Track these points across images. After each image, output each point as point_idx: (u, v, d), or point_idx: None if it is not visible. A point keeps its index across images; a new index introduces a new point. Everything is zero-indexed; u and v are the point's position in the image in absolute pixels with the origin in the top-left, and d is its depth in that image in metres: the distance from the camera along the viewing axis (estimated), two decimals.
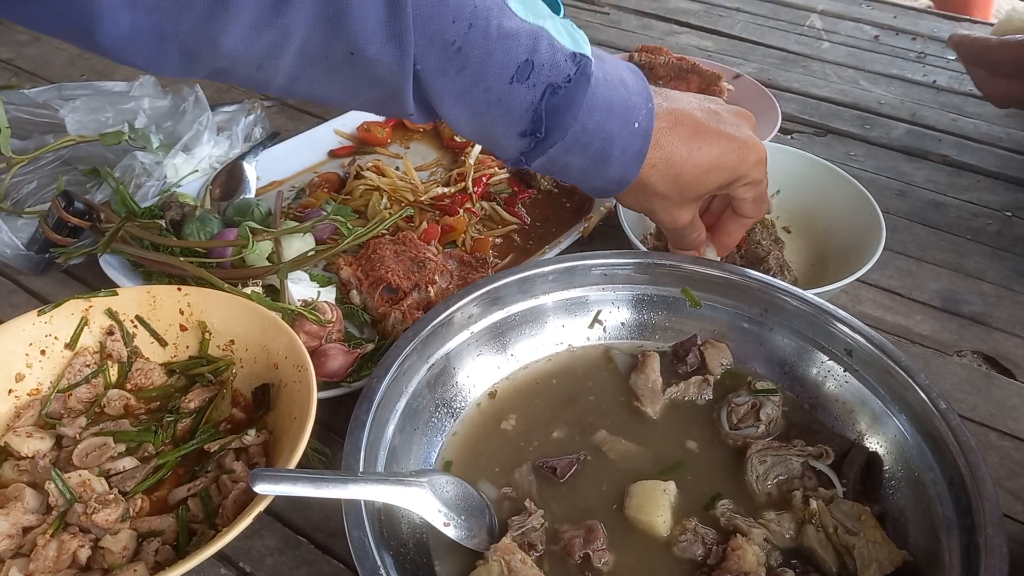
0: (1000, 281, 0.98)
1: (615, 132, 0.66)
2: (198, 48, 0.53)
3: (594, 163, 0.68)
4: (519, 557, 0.59)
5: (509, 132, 0.64)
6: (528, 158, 0.67)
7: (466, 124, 0.64)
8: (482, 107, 0.62)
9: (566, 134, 0.64)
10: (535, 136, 0.64)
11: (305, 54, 0.55)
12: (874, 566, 0.60)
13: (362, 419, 0.63)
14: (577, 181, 0.71)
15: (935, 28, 1.61)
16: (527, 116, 0.63)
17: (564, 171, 0.69)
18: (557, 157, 0.66)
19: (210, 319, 0.79)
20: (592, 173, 0.69)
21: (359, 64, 0.57)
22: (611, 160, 0.68)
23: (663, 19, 1.65)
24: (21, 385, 0.75)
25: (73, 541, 0.62)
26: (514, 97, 0.62)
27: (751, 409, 0.72)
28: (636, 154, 0.68)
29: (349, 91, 0.60)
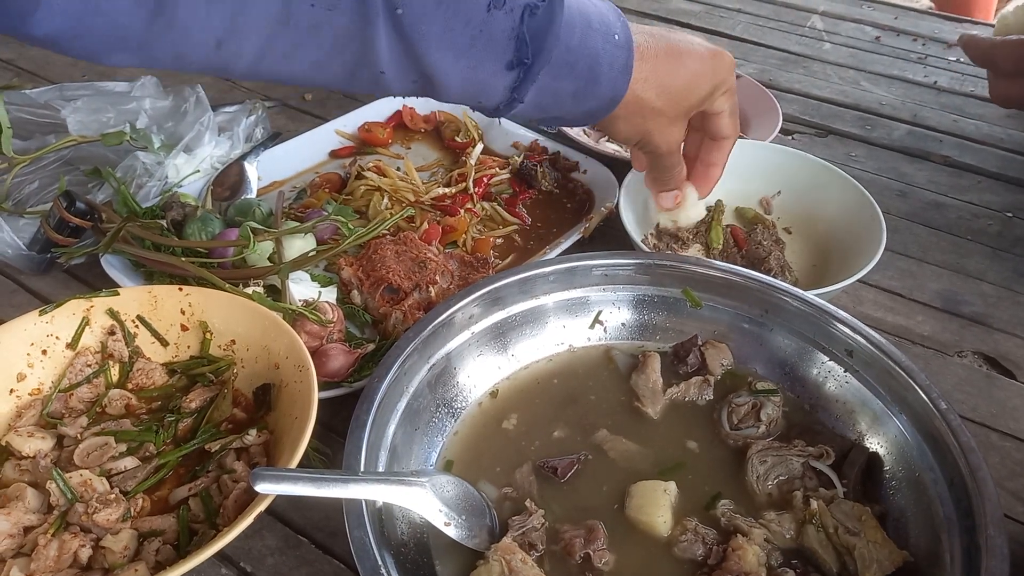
0: (1001, 282, 0.98)
1: (599, 47, 0.66)
2: (150, 34, 0.52)
3: (584, 83, 0.66)
4: (520, 557, 0.59)
5: (496, 67, 0.62)
6: (519, 93, 0.65)
7: (452, 69, 0.62)
8: (465, 43, 0.60)
9: (551, 56, 0.63)
10: (523, 64, 0.63)
11: (265, 20, 0.54)
12: (875, 566, 0.60)
13: (363, 419, 0.63)
14: (569, 109, 0.69)
15: (936, 29, 1.61)
16: (511, 44, 0.62)
17: (555, 99, 0.67)
18: (546, 84, 0.65)
19: (211, 319, 0.79)
20: (583, 94, 0.67)
21: (321, 22, 0.55)
22: (600, 76, 0.67)
23: (664, 20, 1.65)
24: (23, 385, 0.75)
25: (74, 541, 0.62)
26: (495, 25, 0.60)
27: (752, 409, 0.72)
28: (623, 67, 0.68)
29: (316, 62, 0.59)
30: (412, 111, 1.21)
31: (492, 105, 0.67)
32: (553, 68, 0.64)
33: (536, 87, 0.64)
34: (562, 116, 0.70)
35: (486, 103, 0.66)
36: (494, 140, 1.17)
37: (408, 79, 0.62)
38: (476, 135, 1.17)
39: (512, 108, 0.67)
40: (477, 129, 1.17)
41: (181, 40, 0.53)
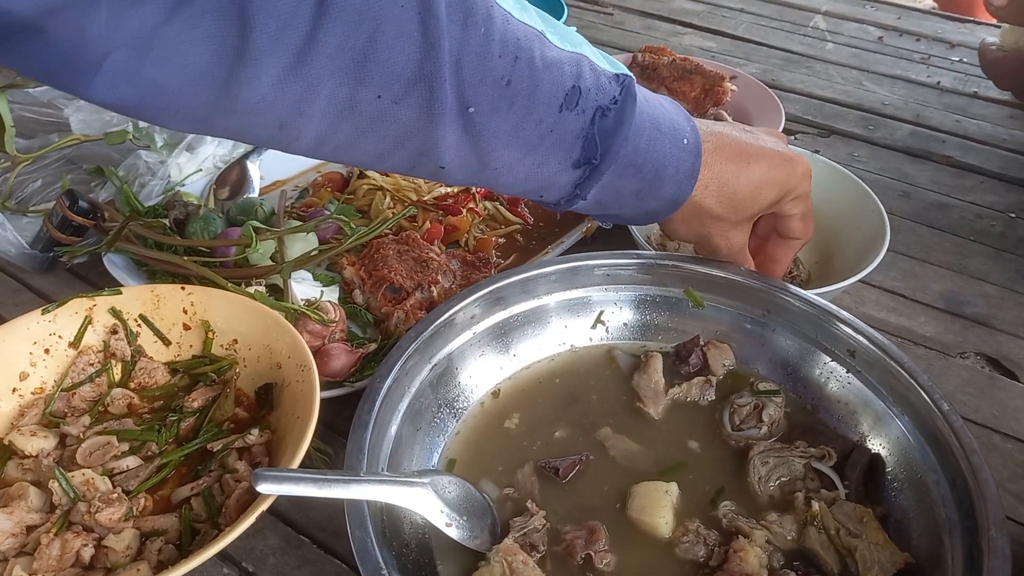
0: (1004, 283, 0.98)
1: (666, 150, 0.65)
2: (213, 111, 0.51)
3: (648, 184, 0.66)
4: (521, 558, 0.59)
5: (563, 165, 0.63)
6: (582, 190, 0.65)
7: (519, 165, 0.62)
8: (534, 142, 0.60)
9: (619, 156, 0.63)
10: (590, 163, 0.63)
11: (332, 108, 0.53)
12: (876, 568, 0.59)
13: (365, 419, 0.63)
14: (630, 207, 0.69)
15: (939, 29, 1.61)
16: (579, 143, 0.62)
17: (617, 198, 0.67)
18: (610, 184, 0.65)
19: (213, 318, 0.79)
20: (646, 195, 0.67)
21: (387, 114, 0.55)
22: (665, 179, 0.66)
23: (666, 20, 1.65)
24: (25, 384, 0.75)
25: (76, 540, 0.62)
26: (565, 126, 0.60)
27: (753, 410, 0.72)
28: (689, 171, 0.67)
29: (378, 153, 0.58)
30: None
31: (553, 200, 0.67)
32: (619, 168, 0.63)
33: (600, 186, 0.64)
34: (621, 214, 0.71)
35: (548, 198, 0.67)
36: None
37: (470, 172, 0.62)
38: None
39: (573, 204, 0.66)
40: None
41: (243, 119, 0.52)
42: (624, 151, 0.63)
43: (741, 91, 1.25)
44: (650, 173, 0.65)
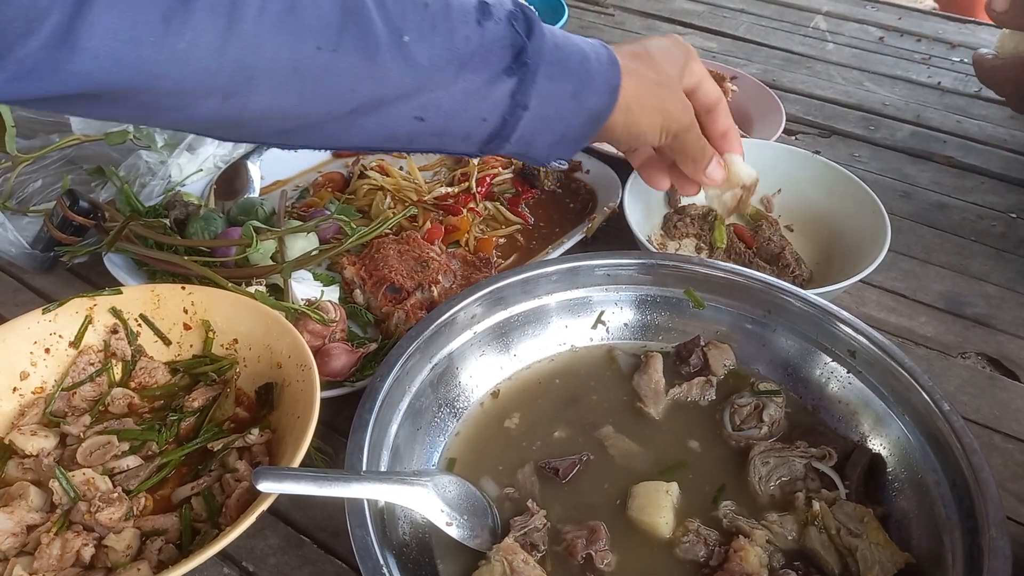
0: (1004, 283, 0.98)
1: (579, 43, 0.67)
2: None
3: (581, 81, 0.66)
4: (521, 557, 0.59)
5: (496, 74, 0.62)
6: (522, 97, 0.63)
7: (455, 85, 0.61)
8: (466, 58, 0.60)
9: (543, 53, 0.63)
10: (522, 65, 0.62)
11: (277, 69, 0.54)
12: (877, 568, 0.59)
13: (365, 418, 0.63)
14: (572, 113, 0.67)
15: (940, 30, 1.61)
16: (506, 51, 0.62)
17: (557, 104, 0.66)
18: (546, 89, 0.64)
19: (214, 318, 0.79)
20: (583, 92, 0.67)
21: (329, 65, 0.56)
22: (592, 71, 0.67)
23: (667, 20, 1.65)
24: (26, 383, 0.75)
25: (77, 539, 0.62)
26: (489, 37, 0.61)
27: (754, 410, 0.72)
28: (609, 57, 0.68)
29: (334, 111, 0.59)
30: None
31: (498, 121, 0.65)
32: (548, 68, 0.64)
33: (536, 91, 0.64)
34: (569, 128, 0.68)
35: (491, 118, 0.64)
36: None
37: (413, 108, 0.61)
38: None
39: (518, 122, 0.65)
40: None
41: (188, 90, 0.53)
42: (546, 48, 0.63)
43: (742, 91, 1.24)
44: (577, 67, 0.66)
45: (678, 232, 0.99)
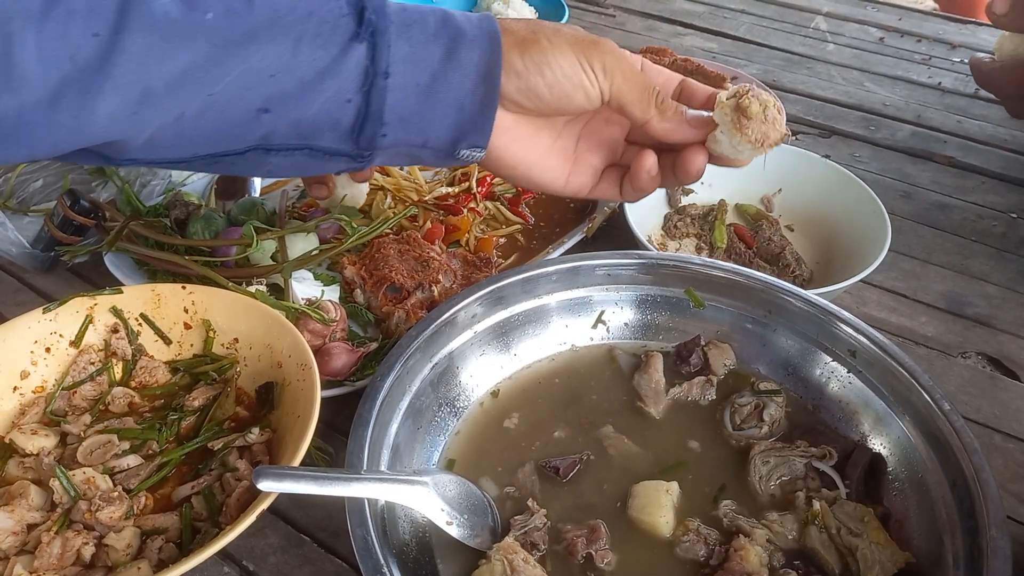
0: (1005, 283, 0.98)
1: (435, 7, 0.57)
2: None
3: (450, 38, 0.55)
4: (522, 556, 0.59)
5: (342, 44, 0.53)
6: (378, 63, 0.53)
7: (295, 62, 0.52)
8: (298, 28, 0.52)
9: (388, 14, 0.54)
10: (369, 26, 0.53)
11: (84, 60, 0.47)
12: (877, 567, 0.59)
13: (365, 417, 0.63)
14: (455, 75, 0.56)
15: (940, 30, 1.61)
16: (350, 17, 0.53)
17: (427, 66, 0.55)
18: (405, 50, 0.54)
19: (214, 317, 0.79)
20: (457, 49, 0.55)
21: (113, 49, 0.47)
22: (458, 24, 0.56)
23: (668, 21, 1.65)
24: (26, 382, 0.75)
25: (77, 538, 0.62)
26: (323, 5, 0.53)
27: (754, 410, 0.72)
28: (479, 16, 0.58)
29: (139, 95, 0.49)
30: None
31: (360, 95, 0.54)
32: (401, 28, 0.54)
33: (396, 55, 0.54)
34: (461, 96, 0.56)
35: (354, 96, 0.54)
36: None
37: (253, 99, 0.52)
38: None
39: (383, 94, 0.54)
40: None
41: None
42: (391, 9, 0.55)
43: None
44: (437, 24, 0.56)
45: (678, 232, 0.99)
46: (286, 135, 0.55)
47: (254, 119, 0.53)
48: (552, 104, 0.58)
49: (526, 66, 0.56)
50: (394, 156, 0.58)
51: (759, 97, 0.57)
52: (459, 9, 0.61)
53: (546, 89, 0.57)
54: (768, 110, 0.57)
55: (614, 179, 0.66)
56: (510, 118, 0.59)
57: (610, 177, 0.66)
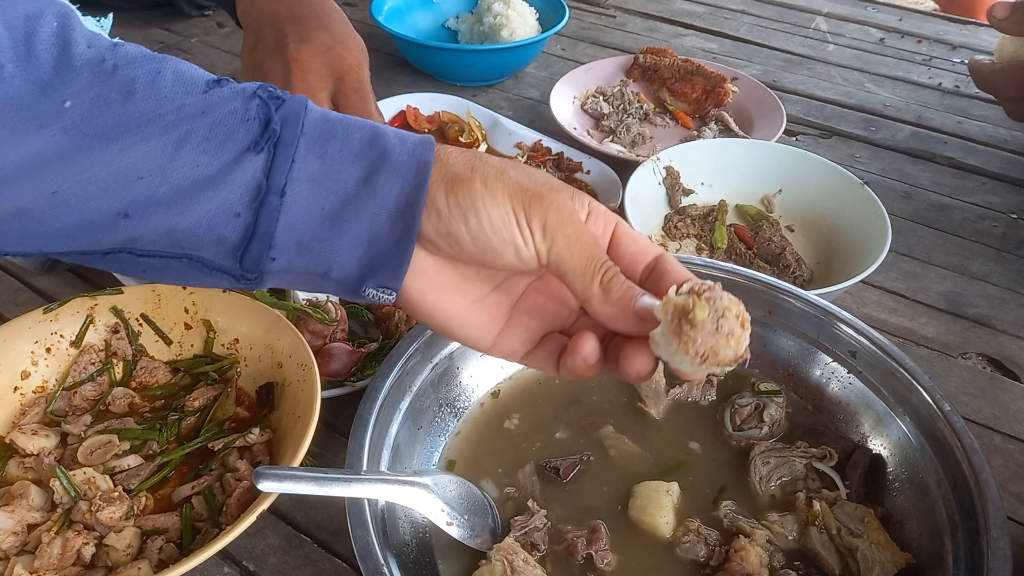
0: (1005, 283, 0.98)
1: (372, 123, 0.50)
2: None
3: (371, 161, 0.48)
4: (522, 557, 0.59)
5: (239, 152, 0.46)
6: (276, 179, 0.46)
7: (173, 166, 0.45)
8: (182, 129, 0.45)
9: (303, 125, 0.47)
10: (273, 136, 0.47)
11: None
12: (877, 568, 0.60)
13: (366, 418, 0.63)
14: (371, 204, 0.48)
15: (940, 31, 1.61)
16: (254, 122, 0.47)
17: (339, 189, 0.47)
18: (313, 167, 0.47)
19: (215, 317, 0.79)
20: (377, 174, 0.48)
21: None
22: (388, 147, 0.48)
23: (668, 21, 1.65)
24: (27, 383, 0.75)
25: (78, 538, 0.62)
26: (221, 106, 0.46)
27: (755, 410, 0.72)
28: (420, 139, 0.50)
29: None
30: (416, 111, 1.22)
31: (250, 211, 0.46)
32: (315, 143, 0.47)
33: (300, 172, 0.46)
34: (375, 229, 0.48)
35: (243, 210, 0.46)
36: (498, 140, 1.17)
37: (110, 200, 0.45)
38: (480, 135, 1.17)
39: (275, 214, 0.46)
40: (481, 129, 1.18)
41: None
42: (310, 120, 0.48)
43: (742, 92, 1.25)
44: (363, 143, 0.48)
45: (679, 232, 0.99)
46: (156, 242, 0.47)
47: (112, 223, 0.45)
48: (476, 256, 0.49)
49: (449, 207, 0.48)
50: (291, 281, 0.50)
51: (716, 302, 0.45)
52: (459, 9, 0.57)
53: (469, 238, 0.48)
54: (724, 321, 0.45)
55: (553, 349, 0.54)
56: (431, 261, 0.50)
57: (549, 346, 0.54)
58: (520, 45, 1.31)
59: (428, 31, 1.45)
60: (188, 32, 1.52)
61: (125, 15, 1.55)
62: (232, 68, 1.39)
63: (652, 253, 0.51)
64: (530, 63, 1.43)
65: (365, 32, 0.98)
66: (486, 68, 1.35)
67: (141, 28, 1.53)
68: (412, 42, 1.31)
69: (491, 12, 1.38)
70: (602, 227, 0.51)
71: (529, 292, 0.55)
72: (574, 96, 1.27)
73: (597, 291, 0.48)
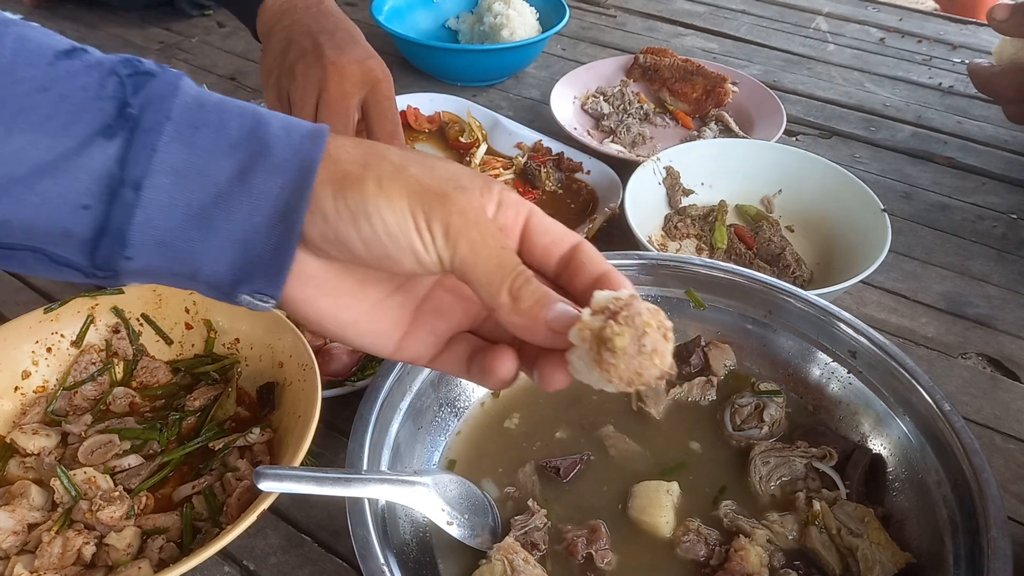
0: (1005, 283, 0.98)
1: (258, 110, 0.44)
2: None
3: (248, 153, 0.42)
4: (522, 556, 0.59)
5: (89, 135, 0.40)
6: (132, 170, 0.40)
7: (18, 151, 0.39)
8: (17, 103, 0.39)
9: (171, 109, 0.41)
10: (129, 121, 0.41)
11: None
12: (877, 568, 0.60)
13: (366, 418, 0.63)
14: (246, 202, 0.42)
15: (941, 31, 1.61)
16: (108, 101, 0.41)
17: (210, 184, 0.41)
18: (179, 158, 0.41)
19: (215, 317, 0.79)
20: (254, 169, 0.42)
21: None
22: (270, 139, 0.43)
23: (668, 21, 1.65)
24: (27, 382, 0.75)
25: (78, 538, 0.62)
26: (64, 76, 0.41)
27: (755, 410, 0.72)
28: (310, 130, 0.44)
29: None
30: (416, 111, 1.22)
31: (100, 204, 0.40)
32: (182, 130, 0.41)
33: (162, 163, 0.41)
34: (250, 231, 0.42)
35: (94, 202, 0.40)
36: (498, 140, 1.17)
37: None
38: (480, 135, 1.17)
39: (130, 209, 0.40)
40: (481, 130, 1.18)
41: None
42: (178, 104, 0.42)
43: (743, 92, 1.25)
44: (242, 133, 0.43)
45: (679, 233, 0.99)
46: None
47: None
48: (372, 263, 0.44)
49: (338, 211, 0.42)
50: (155, 280, 0.45)
51: (634, 320, 0.39)
52: (459, 9, 0.53)
53: (361, 245, 0.43)
54: (646, 339, 0.40)
55: (462, 352, 0.49)
56: (321, 267, 0.45)
57: (458, 348, 0.49)
58: (520, 45, 1.31)
59: (428, 31, 1.46)
60: (188, 32, 1.52)
61: (125, 15, 1.55)
62: (233, 68, 1.39)
63: (567, 242, 0.46)
64: (530, 63, 1.43)
65: (365, 32, 0.98)
66: (486, 68, 1.35)
67: (141, 28, 1.53)
68: (412, 42, 1.31)
69: (491, 12, 1.38)
70: (512, 218, 0.46)
71: (435, 291, 0.50)
72: (574, 96, 1.28)
73: (506, 300, 0.42)
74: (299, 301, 0.45)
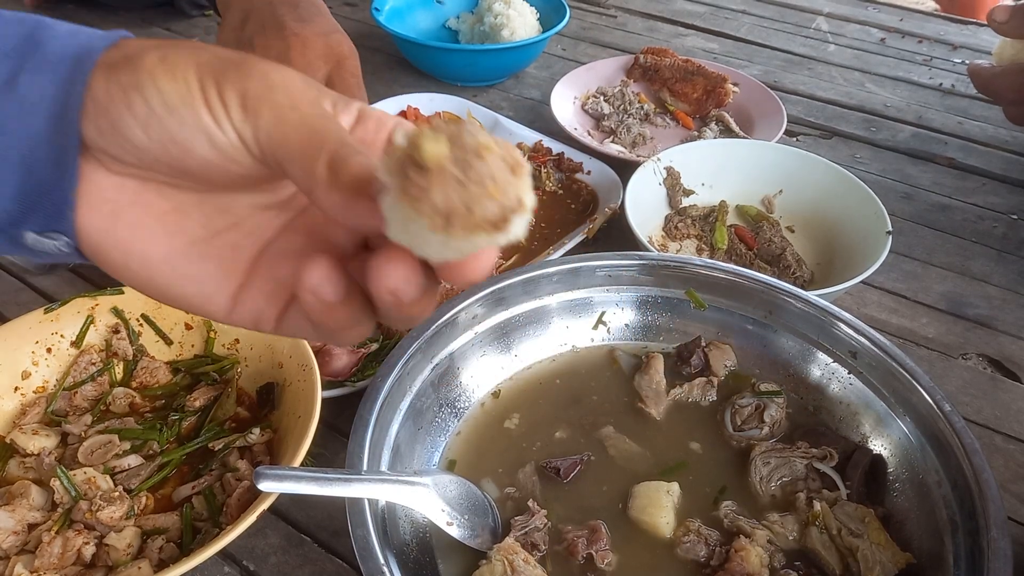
0: (1006, 284, 0.98)
1: (33, 16, 0.37)
2: None
3: (18, 53, 0.35)
4: (522, 557, 0.59)
5: None
6: None
7: None
8: None
9: None
10: None
11: None
12: (878, 568, 0.59)
13: (366, 418, 0.63)
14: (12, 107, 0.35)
15: (941, 31, 1.61)
16: None
17: None
18: None
19: None
20: (23, 71, 0.35)
21: None
22: (43, 39, 0.36)
23: (669, 21, 1.65)
24: (27, 383, 0.75)
25: (78, 538, 0.62)
26: None
27: (755, 411, 0.72)
28: (97, 34, 0.37)
29: None
30: (416, 111, 1.22)
31: None
32: None
33: None
34: (23, 142, 0.35)
35: None
36: None
37: None
38: None
39: None
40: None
41: None
42: None
43: (743, 92, 1.25)
44: (22, 37, 0.36)
45: (679, 233, 0.99)
46: None
47: None
48: (163, 159, 0.35)
49: (109, 92, 0.34)
50: None
51: (458, 135, 0.29)
52: (460, 9, 0.47)
53: (139, 129, 0.34)
54: (479, 162, 0.28)
55: None
56: (116, 184, 0.37)
57: None
58: (521, 45, 1.31)
59: (428, 31, 1.45)
60: (188, 32, 1.52)
61: (125, 15, 1.55)
62: None
63: (388, 124, 0.38)
64: (531, 63, 1.43)
65: (366, 32, 0.98)
66: (487, 68, 1.35)
67: (141, 28, 1.53)
68: (413, 42, 1.31)
69: (492, 12, 1.38)
70: (374, 130, 0.37)
71: (286, 233, 0.40)
72: (575, 96, 1.27)
73: (322, 173, 0.32)
74: (94, 232, 0.37)
